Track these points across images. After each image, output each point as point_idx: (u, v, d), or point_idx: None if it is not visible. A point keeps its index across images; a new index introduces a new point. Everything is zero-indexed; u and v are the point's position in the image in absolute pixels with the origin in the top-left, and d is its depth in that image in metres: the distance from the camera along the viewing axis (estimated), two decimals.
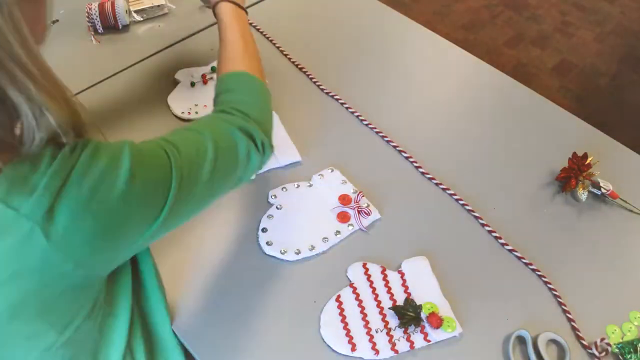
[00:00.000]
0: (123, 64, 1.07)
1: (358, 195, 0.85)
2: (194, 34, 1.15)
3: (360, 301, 0.74)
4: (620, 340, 0.72)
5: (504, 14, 2.63)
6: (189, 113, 0.97)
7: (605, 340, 0.71)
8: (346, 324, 0.72)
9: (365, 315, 0.73)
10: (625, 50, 2.45)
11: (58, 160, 0.44)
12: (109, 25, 1.13)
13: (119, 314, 0.63)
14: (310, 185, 0.87)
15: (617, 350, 0.71)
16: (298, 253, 0.79)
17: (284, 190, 0.86)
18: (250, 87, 0.72)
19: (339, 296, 0.74)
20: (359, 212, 0.83)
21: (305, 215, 0.83)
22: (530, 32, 2.52)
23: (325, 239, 0.80)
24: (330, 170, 0.89)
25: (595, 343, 0.71)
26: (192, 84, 1.02)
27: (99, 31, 1.12)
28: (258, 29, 1.16)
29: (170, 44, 1.12)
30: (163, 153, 0.54)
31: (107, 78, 1.04)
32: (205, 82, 1.03)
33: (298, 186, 0.87)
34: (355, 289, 0.75)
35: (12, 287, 0.45)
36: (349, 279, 0.77)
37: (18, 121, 0.43)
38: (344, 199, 0.85)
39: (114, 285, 0.62)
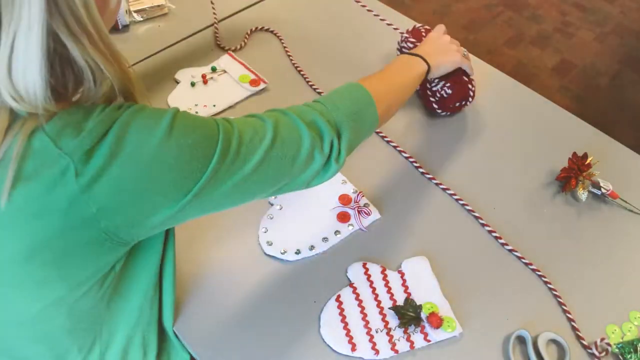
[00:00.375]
0: None
1: (358, 195, 0.85)
2: (194, 34, 1.15)
3: (360, 301, 0.74)
4: (620, 340, 0.72)
5: (504, 14, 2.63)
6: (189, 110, 0.97)
7: (605, 340, 0.71)
8: (346, 324, 0.72)
9: (365, 315, 0.73)
10: (625, 50, 2.45)
11: (107, 111, 0.48)
12: None
13: (131, 299, 0.63)
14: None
15: (617, 350, 0.71)
16: (298, 253, 0.79)
17: None
18: (354, 95, 0.66)
19: (339, 296, 0.74)
20: (358, 212, 0.83)
21: (306, 216, 0.83)
22: (530, 32, 2.52)
23: (325, 239, 0.80)
24: None
25: (595, 343, 0.71)
26: (192, 84, 1.02)
27: None
28: (270, 30, 1.15)
29: (171, 44, 1.12)
30: (213, 124, 0.53)
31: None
32: (205, 82, 1.03)
33: None
34: (355, 288, 0.75)
35: (37, 226, 0.47)
36: (349, 278, 0.77)
37: (81, 85, 0.48)
38: (344, 199, 0.85)
39: (135, 269, 0.61)
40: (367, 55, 1.11)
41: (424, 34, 0.99)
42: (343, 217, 0.83)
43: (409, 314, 0.72)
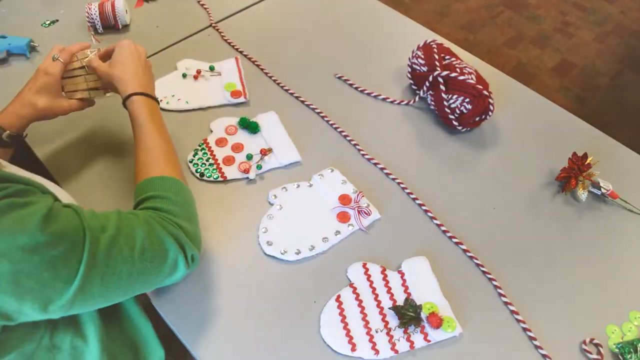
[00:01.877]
0: None
1: (358, 195, 0.85)
2: (194, 34, 1.15)
3: (360, 301, 0.74)
4: (620, 340, 0.72)
5: (504, 14, 2.62)
6: (162, 100, 0.99)
7: (595, 341, 0.72)
8: (346, 324, 0.72)
9: (365, 315, 0.73)
10: (625, 50, 2.45)
11: None
12: (108, 25, 1.13)
13: (86, 332, 0.64)
14: (311, 185, 0.87)
15: (617, 350, 0.71)
16: (298, 253, 0.79)
17: (284, 190, 0.86)
18: (179, 194, 0.69)
19: (339, 296, 0.74)
20: (359, 212, 0.83)
21: (306, 216, 0.83)
22: (530, 32, 2.52)
23: (325, 239, 0.80)
24: (330, 170, 0.89)
25: (585, 341, 0.72)
26: (184, 76, 1.04)
27: (99, 31, 1.13)
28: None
29: (171, 44, 1.12)
30: (80, 235, 0.53)
31: None
32: (196, 77, 1.04)
33: (298, 186, 0.87)
34: (355, 289, 0.75)
35: None
36: (349, 279, 0.77)
37: None
38: (344, 199, 0.85)
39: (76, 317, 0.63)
40: (378, 70, 1.11)
41: (435, 49, 0.98)
42: (343, 217, 0.83)
43: (409, 314, 0.72)
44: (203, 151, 0.92)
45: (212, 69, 1.05)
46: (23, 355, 0.58)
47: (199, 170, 0.89)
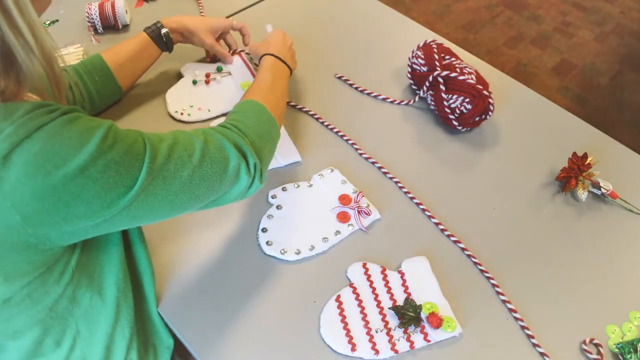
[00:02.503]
0: None
1: (358, 195, 0.85)
2: None
3: (360, 301, 0.74)
4: (620, 340, 0.72)
5: (503, 14, 2.63)
6: (182, 114, 0.96)
7: (595, 341, 0.72)
8: (346, 324, 0.72)
9: (365, 315, 0.73)
10: (625, 50, 2.45)
11: (33, 114, 0.47)
12: (108, 25, 1.13)
13: (103, 293, 0.64)
14: (310, 185, 0.87)
15: (617, 350, 0.71)
16: (298, 253, 0.79)
17: (284, 190, 0.86)
18: (260, 116, 0.72)
19: (338, 296, 0.74)
20: (359, 212, 0.83)
21: (305, 215, 0.83)
22: (530, 32, 2.52)
23: (325, 239, 0.80)
24: (330, 170, 0.89)
25: (584, 341, 0.72)
26: (194, 82, 1.01)
27: (99, 31, 1.12)
28: None
29: None
30: (141, 143, 0.54)
31: None
32: (207, 82, 1.02)
33: (298, 186, 0.87)
34: (355, 289, 0.75)
35: None
36: (349, 279, 0.77)
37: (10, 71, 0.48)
38: (344, 199, 0.85)
39: (97, 265, 0.63)
40: (378, 70, 1.11)
41: (435, 49, 0.98)
42: (343, 217, 0.83)
43: (409, 314, 0.72)
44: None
45: (220, 69, 1.04)
46: (48, 297, 0.59)
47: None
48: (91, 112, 0.89)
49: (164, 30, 0.94)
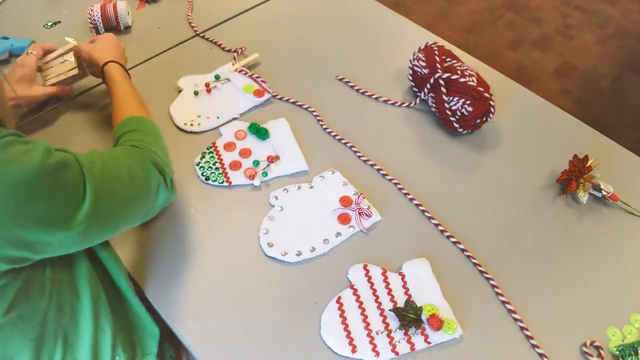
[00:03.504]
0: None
1: (359, 197, 0.85)
2: (195, 36, 1.15)
3: (361, 303, 0.74)
4: (621, 343, 0.72)
5: (505, 17, 2.63)
6: (192, 125, 0.96)
7: (596, 343, 0.72)
8: (347, 325, 0.72)
9: (365, 317, 0.73)
10: (626, 52, 2.45)
11: None
12: (110, 26, 1.13)
13: (81, 298, 0.66)
14: (312, 187, 0.87)
15: (617, 352, 0.71)
16: (299, 254, 0.79)
17: (285, 191, 0.86)
18: (152, 129, 0.77)
19: (339, 298, 0.74)
20: (359, 213, 0.83)
21: (307, 217, 0.83)
22: (531, 35, 2.52)
23: (326, 241, 0.80)
24: (331, 172, 0.89)
25: (585, 344, 0.72)
26: (196, 93, 1.01)
27: (101, 32, 1.13)
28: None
29: (172, 46, 1.12)
30: (77, 167, 0.57)
31: None
32: (209, 91, 1.02)
33: (299, 188, 0.87)
34: (355, 290, 0.75)
35: None
36: (349, 280, 0.77)
37: None
38: (345, 201, 0.85)
39: (70, 268, 0.65)
40: (379, 72, 1.11)
41: (436, 51, 0.98)
42: (344, 219, 0.83)
43: (410, 316, 0.72)
44: (211, 154, 0.92)
45: (218, 78, 1.04)
46: (37, 313, 0.60)
47: (204, 173, 0.89)
48: None
49: None
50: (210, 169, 0.89)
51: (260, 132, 0.94)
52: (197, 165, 0.90)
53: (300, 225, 0.82)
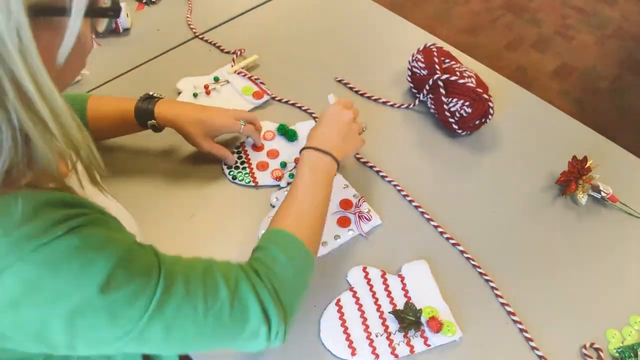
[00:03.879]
0: (124, 67, 1.06)
1: (359, 200, 0.84)
2: (194, 38, 1.15)
3: (360, 305, 0.74)
4: (621, 345, 0.72)
5: (504, 17, 2.63)
6: None
7: (595, 345, 0.72)
8: (346, 328, 0.72)
9: (365, 319, 0.72)
10: (625, 53, 2.45)
11: (31, 227, 0.41)
12: (109, 28, 1.13)
13: None
14: None
15: (617, 354, 0.71)
16: None
17: (286, 193, 0.86)
18: (294, 260, 0.62)
19: (338, 300, 0.74)
20: (359, 217, 0.83)
21: None
22: (530, 36, 2.52)
23: (324, 243, 0.80)
24: None
25: (585, 346, 0.71)
26: (195, 95, 1.01)
27: (100, 35, 1.12)
28: None
29: (171, 48, 1.12)
30: (154, 279, 0.48)
31: (108, 81, 1.04)
32: (208, 92, 1.01)
33: None
34: (355, 293, 0.75)
35: None
36: (349, 282, 0.77)
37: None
38: (345, 204, 0.85)
39: None
40: (378, 74, 1.11)
41: (435, 52, 0.98)
42: (343, 222, 0.83)
43: (409, 318, 0.71)
44: (239, 154, 0.91)
45: (217, 79, 1.04)
46: None
47: (232, 172, 0.88)
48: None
49: (150, 122, 0.82)
50: (237, 168, 0.89)
51: (288, 134, 0.94)
52: (225, 164, 0.90)
53: None
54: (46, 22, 0.41)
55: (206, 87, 1.01)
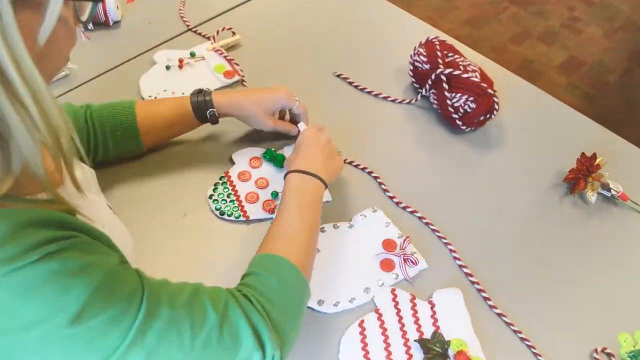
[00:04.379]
0: (114, 62, 1.04)
1: (405, 241, 0.77)
2: (187, 31, 1.13)
3: (385, 329, 0.69)
4: (633, 349, 0.70)
5: (509, 10, 2.60)
6: (156, 98, 0.96)
7: (607, 350, 0.70)
8: (367, 352, 0.67)
9: (388, 345, 0.68)
10: (634, 46, 2.42)
11: (9, 249, 0.39)
12: (99, 21, 1.11)
13: None
14: (351, 227, 0.79)
15: (629, 358, 0.69)
16: (336, 305, 0.71)
17: (322, 231, 0.78)
18: (286, 282, 0.60)
19: (362, 321, 0.70)
20: (404, 260, 0.75)
21: (345, 262, 0.76)
22: (537, 28, 2.49)
23: (367, 290, 0.73)
24: (372, 210, 0.81)
25: (596, 350, 0.69)
26: (167, 68, 1.02)
27: (89, 27, 1.11)
28: None
29: (164, 41, 1.10)
30: (136, 303, 0.45)
31: (97, 76, 1.02)
32: (181, 66, 1.02)
33: (337, 227, 0.79)
34: (380, 315, 0.70)
35: None
36: (374, 303, 0.72)
37: None
38: (389, 245, 0.77)
39: None
40: (379, 68, 1.08)
41: (437, 46, 0.95)
42: (387, 266, 0.75)
43: (436, 349, 0.66)
44: (224, 185, 0.83)
45: (193, 55, 1.04)
46: None
47: (219, 207, 0.80)
48: (101, 156, 0.81)
49: (210, 112, 0.82)
50: (224, 201, 0.81)
51: (277, 159, 0.86)
52: (210, 198, 0.81)
53: (338, 271, 0.74)
54: (27, 2, 0.40)
55: (180, 60, 1.02)
